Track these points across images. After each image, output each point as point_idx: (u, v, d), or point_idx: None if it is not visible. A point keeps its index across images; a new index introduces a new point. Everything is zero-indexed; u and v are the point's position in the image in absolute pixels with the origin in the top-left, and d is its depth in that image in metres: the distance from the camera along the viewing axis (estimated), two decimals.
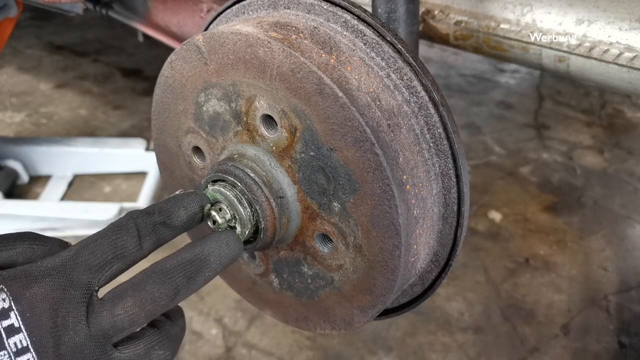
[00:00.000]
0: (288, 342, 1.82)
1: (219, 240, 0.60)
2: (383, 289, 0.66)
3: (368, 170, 0.60)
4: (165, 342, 0.55)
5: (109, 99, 3.28)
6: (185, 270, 0.56)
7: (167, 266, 0.55)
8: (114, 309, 0.51)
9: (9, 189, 2.39)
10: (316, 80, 0.60)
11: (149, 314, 0.53)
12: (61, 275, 0.51)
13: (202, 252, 0.57)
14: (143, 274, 0.55)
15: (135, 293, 0.53)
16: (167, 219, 0.58)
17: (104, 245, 0.54)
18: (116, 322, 0.51)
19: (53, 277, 0.50)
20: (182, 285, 0.55)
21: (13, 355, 0.46)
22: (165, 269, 0.55)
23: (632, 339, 1.84)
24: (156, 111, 0.81)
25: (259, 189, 0.66)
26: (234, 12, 0.79)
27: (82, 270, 0.52)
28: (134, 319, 0.52)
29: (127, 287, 0.53)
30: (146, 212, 0.58)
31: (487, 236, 2.27)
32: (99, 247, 0.53)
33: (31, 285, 0.49)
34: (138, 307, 0.52)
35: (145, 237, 0.56)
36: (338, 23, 0.70)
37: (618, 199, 2.50)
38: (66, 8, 1.68)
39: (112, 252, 0.54)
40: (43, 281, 0.50)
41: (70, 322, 0.49)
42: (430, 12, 1.12)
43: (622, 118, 3.18)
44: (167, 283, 0.54)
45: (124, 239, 0.55)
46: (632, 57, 0.89)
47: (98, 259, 0.53)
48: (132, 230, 0.55)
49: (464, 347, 1.82)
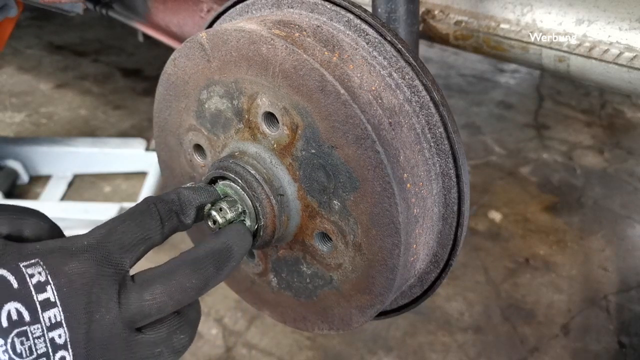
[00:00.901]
0: (288, 342, 1.82)
1: (238, 231, 0.61)
2: (382, 288, 0.66)
3: (369, 168, 0.60)
4: (185, 327, 0.56)
5: (109, 99, 3.28)
6: (215, 260, 0.56)
7: (198, 256, 0.56)
8: (143, 294, 0.52)
9: (9, 189, 2.39)
10: (318, 78, 0.60)
11: (177, 303, 0.53)
12: (97, 252, 0.51)
13: (227, 242, 0.58)
14: (173, 262, 0.55)
15: (165, 281, 0.53)
16: (181, 210, 0.59)
17: (133, 226, 0.54)
18: (144, 308, 0.51)
19: (90, 253, 0.50)
20: (212, 275, 0.56)
21: (46, 329, 0.46)
22: (196, 258, 0.55)
23: (632, 339, 1.85)
24: (158, 109, 0.81)
25: (260, 186, 0.66)
26: (237, 11, 0.79)
27: (116, 249, 0.52)
28: (161, 307, 0.52)
29: (156, 273, 0.53)
30: (164, 200, 0.58)
31: (487, 236, 2.27)
32: (130, 228, 0.54)
33: (68, 261, 0.49)
34: (167, 296, 0.52)
35: (165, 223, 0.57)
36: (341, 22, 0.70)
37: (618, 199, 2.50)
38: (66, 8, 1.68)
39: (141, 234, 0.54)
40: (80, 257, 0.50)
41: (103, 300, 0.50)
42: (430, 12, 1.12)
43: (622, 118, 3.19)
44: (198, 273, 0.55)
45: (150, 222, 0.55)
46: (632, 57, 0.90)
47: (130, 238, 0.53)
48: (155, 215, 0.56)
49: (464, 347, 1.82)
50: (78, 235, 0.53)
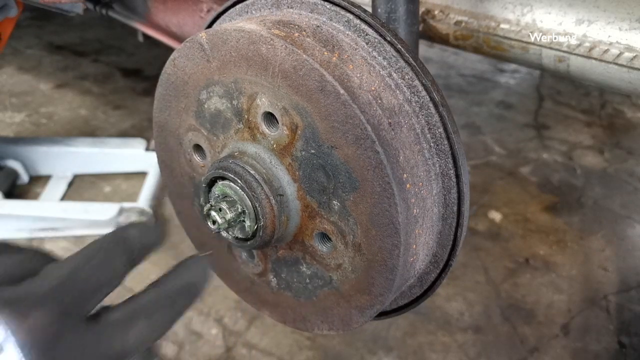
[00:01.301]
0: (288, 342, 1.82)
1: (204, 265, 0.58)
2: (381, 288, 0.66)
3: (368, 168, 0.60)
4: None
5: (109, 99, 3.28)
6: (187, 295, 0.54)
7: (173, 290, 0.53)
8: (126, 334, 0.49)
9: (9, 189, 2.39)
10: (318, 78, 0.60)
11: (155, 339, 0.51)
12: (59, 301, 0.46)
13: (196, 278, 0.56)
14: (150, 297, 0.52)
15: (147, 318, 0.50)
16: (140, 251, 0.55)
17: (96, 267, 0.50)
18: (125, 348, 0.48)
19: (52, 303, 0.46)
20: (184, 309, 0.54)
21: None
22: (171, 293, 0.53)
23: (632, 339, 1.84)
24: (158, 109, 0.81)
25: (259, 186, 0.66)
26: (237, 11, 0.79)
27: (78, 295, 0.48)
28: (143, 345, 0.50)
29: (136, 310, 0.51)
30: (131, 236, 0.54)
31: (487, 236, 2.27)
32: (93, 271, 0.49)
33: (29, 314, 0.44)
34: (149, 333, 0.50)
35: (133, 261, 0.53)
36: (341, 22, 0.70)
37: (618, 199, 2.50)
38: (66, 8, 1.68)
39: (105, 276, 0.50)
40: (42, 309, 0.45)
41: (73, 355, 0.46)
42: (430, 12, 1.12)
43: (622, 118, 3.19)
44: (174, 308, 0.53)
45: (115, 262, 0.51)
46: (632, 57, 0.89)
47: (92, 284, 0.49)
48: (123, 255, 0.52)
49: (464, 347, 1.82)
50: (39, 279, 0.48)
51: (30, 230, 2.19)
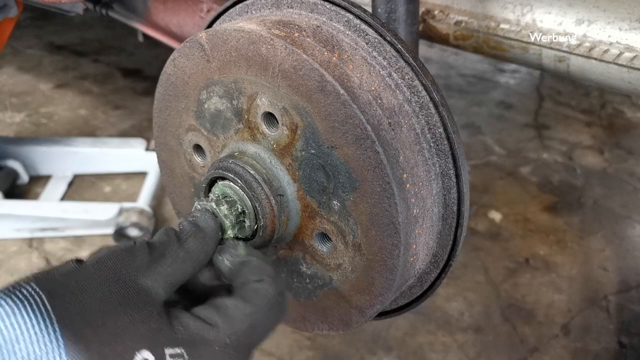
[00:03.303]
0: (288, 342, 1.81)
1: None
2: (381, 288, 0.66)
3: (368, 168, 0.60)
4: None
5: (109, 99, 3.28)
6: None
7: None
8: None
9: (9, 189, 2.39)
10: (318, 78, 0.60)
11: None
12: (239, 355, 0.50)
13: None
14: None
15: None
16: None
17: (268, 322, 0.53)
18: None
19: (233, 357, 0.49)
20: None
21: None
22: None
23: (632, 339, 1.84)
24: (158, 109, 0.81)
25: (259, 186, 0.66)
26: (237, 11, 0.79)
27: (253, 345, 0.52)
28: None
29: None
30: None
31: (487, 236, 2.27)
32: (266, 324, 0.53)
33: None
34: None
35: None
36: (341, 22, 0.70)
37: (618, 199, 2.50)
38: (66, 8, 1.68)
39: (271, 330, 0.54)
40: (221, 358, 0.48)
41: None
42: (430, 12, 1.12)
43: (622, 118, 3.19)
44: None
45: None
46: (632, 57, 0.89)
47: (263, 335, 0.53)
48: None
49: (464, 347, 1.82)
50: (215, 319, 0.50)
51: (31, 230, 2.19)
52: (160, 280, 0.50)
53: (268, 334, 0.53)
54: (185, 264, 0.53)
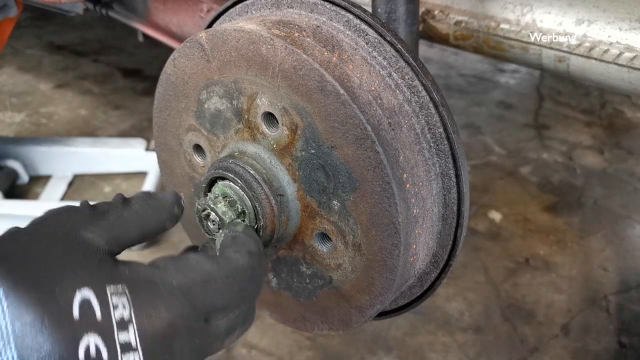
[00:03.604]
0: (288, 342, 1.82)
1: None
2: (382, 288, 0.66)
3: (368, 168, 0.60)
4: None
5: (109, 99, 3.28)
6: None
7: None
8: (224, 343, 0.54)
9: (9, 189, 2.39)
10: (318, 78, 0.60)
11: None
12: (187, 302, 0.48)
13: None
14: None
15: (241, 326, 0.58)
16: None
17: (228, 287, 0.53)
18: (219, 349, 0.53)
19: (179, 301, 0.48)
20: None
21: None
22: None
23: (632, 339, 1.84)
24: (158, 109, 0.81)
25: (259, 186, 0.66)
26: (237, 11, 0.79)
27: (206, 303, 0.51)
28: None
29: (237, 322, 0.57)
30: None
31: (487, 236, 2.27)
32: (228, 287, 0.53)
33: (156, 303, 0.46)
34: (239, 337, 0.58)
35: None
36: (340, 22, 0.70)
37: (618, 199, 2.50)
38: (66, 8, 1.68)
39: (240, 299, 0.55)
40: (169, 302, 0.47)
41: (186, 356, 0.48)
42: (430, 12, 1.12)
43: (622, 118, 3.19)
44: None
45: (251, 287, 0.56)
46: (632, 57, 0.89)
47: (220, 299, 0.52)
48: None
49: (464, 347, 1.82)
50: (167, 264, 0.50)
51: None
52: (102, 232, 0.50)
53: (229, 305, 0.52)
54: (128, 222, 0.53)
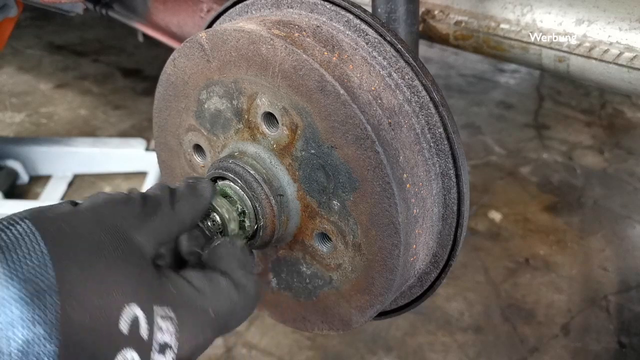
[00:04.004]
0: (288, 342, 1.82)
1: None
2: (382, 288, 0.66)
3: (368, 168, 0.60)
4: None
5: (109, 99, 3.28)
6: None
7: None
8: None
9: (9, 189, 2.39)
10: (318, 78, 0.60)
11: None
12: (218, 331, 0.51)
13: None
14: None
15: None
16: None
17: (243, 317, 0.56)
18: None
19: (213, 331, 0.51)
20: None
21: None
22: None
23: (632, 339, 1.85)
24: (158, 109, 0.81)
25: (259, 186, 0.66)
26: (237, 11, 0.79)
27: (225, 330, 0.53)
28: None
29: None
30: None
31: (487, 236, 2.27)
32: (241, 317, 0.56)
33: (198, 336, 0.48)
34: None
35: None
36: (341, 22, 0.70)
37: (618, 199, 2.50)
38: (66, 8, 1.68)
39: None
40: (206, 334, 0.50)
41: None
42: (430, 12, 1.12)
43: (622, 118, 3.19)
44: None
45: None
46: (632, 57, 0.89)
47: (234, 327, 0.55)
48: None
49: (464, 347, 1.82)
50: (204, 287, 0.51)
51: None
52: (151, 238, 0.49)
53: (234, 327, 0.55)
54: (172, 226, 0.53)
